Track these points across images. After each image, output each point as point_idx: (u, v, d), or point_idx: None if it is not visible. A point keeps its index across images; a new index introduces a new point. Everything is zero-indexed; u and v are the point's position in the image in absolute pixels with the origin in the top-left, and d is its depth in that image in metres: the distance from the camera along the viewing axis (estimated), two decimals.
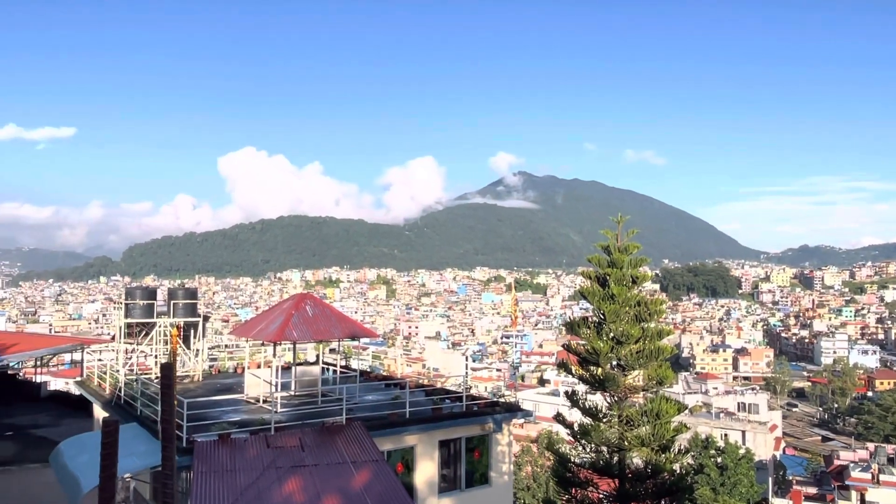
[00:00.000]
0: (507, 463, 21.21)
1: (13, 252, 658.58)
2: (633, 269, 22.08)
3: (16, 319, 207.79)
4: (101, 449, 7.80)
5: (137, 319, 26.63)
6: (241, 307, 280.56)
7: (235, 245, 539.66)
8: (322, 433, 17.21)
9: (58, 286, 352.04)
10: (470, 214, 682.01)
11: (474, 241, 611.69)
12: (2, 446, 27.59)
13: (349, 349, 52.01)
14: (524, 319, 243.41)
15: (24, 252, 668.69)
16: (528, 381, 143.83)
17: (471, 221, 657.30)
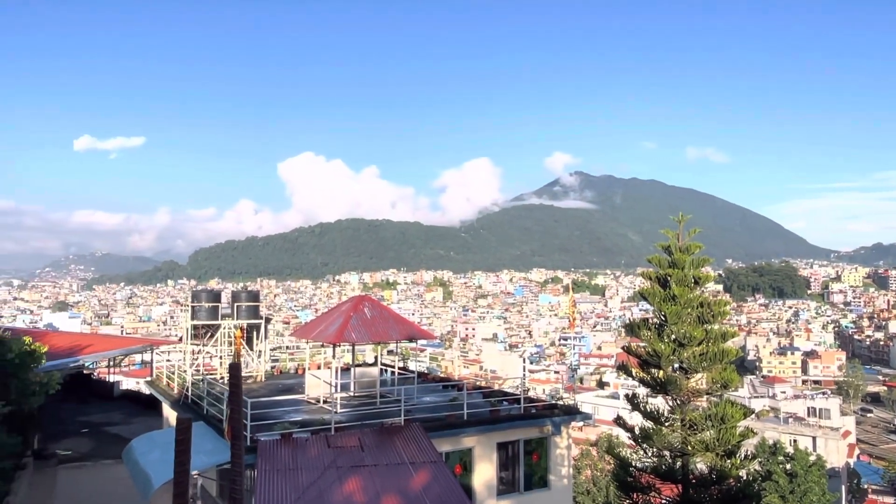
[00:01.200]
0: (566, 466, 20.97)
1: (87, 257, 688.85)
2: (695, 270, 21.54)
3: (90, 321, 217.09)
4: (175, 445, 8.11)
5: (203, 321, 27.46)
6: (301, 309, 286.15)
7: (295, 248, 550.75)
8: (381, 434, 17.39)
9: (128, 289, 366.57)
10: (526, 215, 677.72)
11: (531, 242, 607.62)
12: (79, 443, 28.87)
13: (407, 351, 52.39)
14: (582, 321, 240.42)
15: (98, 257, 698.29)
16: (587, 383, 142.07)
17: (527, 222, 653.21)
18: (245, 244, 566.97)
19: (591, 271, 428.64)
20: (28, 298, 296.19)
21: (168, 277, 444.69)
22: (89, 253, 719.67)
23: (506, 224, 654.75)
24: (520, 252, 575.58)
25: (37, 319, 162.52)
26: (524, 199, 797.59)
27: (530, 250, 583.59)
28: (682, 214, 22.51)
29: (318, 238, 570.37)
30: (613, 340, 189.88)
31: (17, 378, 22.36)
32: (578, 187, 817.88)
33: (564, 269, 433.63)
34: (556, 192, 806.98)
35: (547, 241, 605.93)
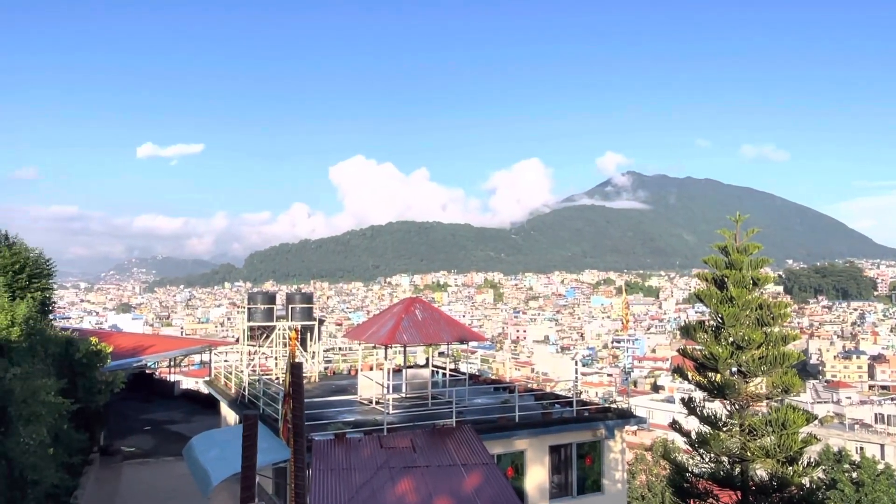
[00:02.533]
0: (620, 470, 20.65)
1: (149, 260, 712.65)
2: (754, 271, 20.98)
3: (152, 323, 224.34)
4: (242, 441, 8.34)
5: (259, 323, 28.09)
6: (353, 311, 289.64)
7: (347, 251, 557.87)
8: (433, 435, 17.46)
9: (188, 292, 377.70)
10: (577, 216, 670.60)
11: (582, 243, 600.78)
12: (142, 440, 29.88)
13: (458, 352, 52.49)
14: (636, 323, 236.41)
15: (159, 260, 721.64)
16: (641, 386, 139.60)
17: (578, 223, 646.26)
18: (298, 247, 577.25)
19: (645, 272, 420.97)
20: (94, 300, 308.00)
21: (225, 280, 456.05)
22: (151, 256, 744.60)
23: (557, 225, 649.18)
24: (571, 253, 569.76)
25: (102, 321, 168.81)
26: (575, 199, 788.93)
27: (582, 251, 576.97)
28: (739, 214, 21.97)
29: (369, 240, 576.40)
30: (668, 343, 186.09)
31: (84, 377, 23.32)
32: (631, 187, 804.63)
33: (617, 271, 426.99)
34: (607, 193, 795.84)
35: (599, 242, 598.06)
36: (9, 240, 25.69)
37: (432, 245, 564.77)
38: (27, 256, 24.38)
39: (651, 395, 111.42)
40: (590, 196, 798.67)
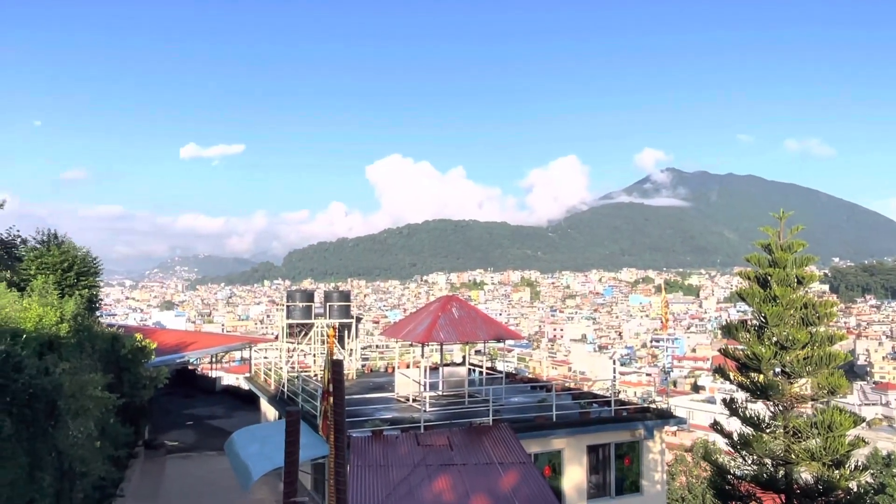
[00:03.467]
0: (659, 471, 20.38)
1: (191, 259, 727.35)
2: (798, 269, 20.47)
3: (194, 320, 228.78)
4: (285, 437, 8.50)
5: (297, 320, 28.46)
6: (389, 309, 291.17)
7: (384, 249, 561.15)
8: (470, 433, 17.46)
9: (228, 290, 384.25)
10: (615, 214, 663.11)
11: (620, 241, 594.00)
12: (184, 434, 30.52)
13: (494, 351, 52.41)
14: (675, 322, 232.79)
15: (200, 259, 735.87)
16: (681, 386, 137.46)
17: (616, 221, 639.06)
18: (336, 245, 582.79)
19: (685, 271, 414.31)
20: (138, 298, 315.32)
21: (264, 278, 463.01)
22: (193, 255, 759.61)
23: (594, 223, 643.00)
24: (609, 252, 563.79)
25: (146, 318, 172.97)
26: (613, 197, 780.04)
27: (620, 250, 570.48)
28: (782, 211, 21.48)
29: (406, 239, 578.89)
30: (709, 343, 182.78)
31: (129, 372, 23.92)
32: (670, 184, 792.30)
33: (656, 269, 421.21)
34: (646, 190, 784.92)
35: (637, 240, 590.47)
36: (58, 239, 26.46)
37: (469, 243, 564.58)
38: (75, 255, 25.08)
39: (691, 395, 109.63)
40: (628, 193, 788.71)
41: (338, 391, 9.15)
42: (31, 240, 27.45)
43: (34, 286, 20.78)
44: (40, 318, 17.75)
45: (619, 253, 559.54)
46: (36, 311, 17.84)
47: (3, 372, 12.27)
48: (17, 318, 17.37)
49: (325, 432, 11.59)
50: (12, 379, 12.50)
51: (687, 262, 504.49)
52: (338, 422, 9.01)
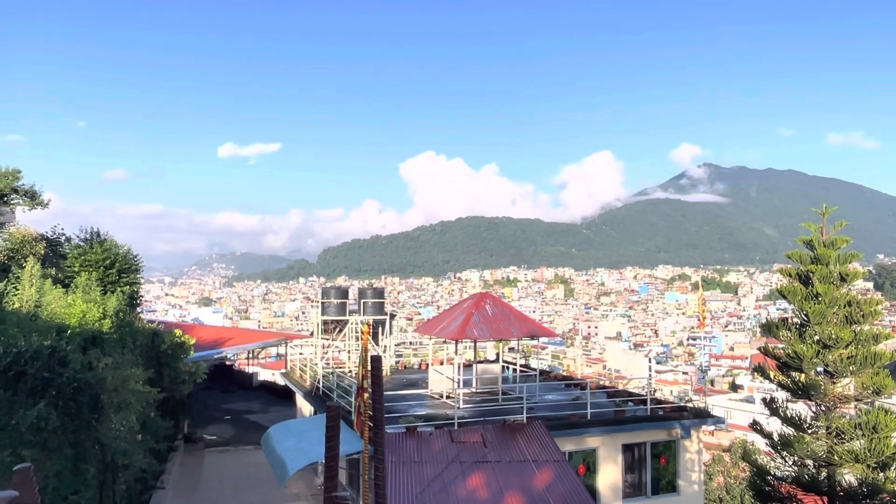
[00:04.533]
0: (696, 472, 20.09)
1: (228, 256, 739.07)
2: (842, 266, 19.95)
3: (231, 316, 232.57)
4: (325, 432, 8.60)
5: (332, 317, 28.71)
6: (423, 306, 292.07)
7: (417, 246, 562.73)
8: (503, 431, 17.43)
9: (264, 286, 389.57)
10: (651, 210, 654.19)
11: (656, 238, 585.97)
12: (223, 429, 31.06)
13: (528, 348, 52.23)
14: (713, 320, 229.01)
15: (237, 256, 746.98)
16: (718, 385, 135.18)
17: (652, 217, 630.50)
18: (370, 243, 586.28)
19: (723, 268, 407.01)
20: (177, 294, 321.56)
21: (299, 275, 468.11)
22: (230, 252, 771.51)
23: (629, 219, 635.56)
24: (644, 248, 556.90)
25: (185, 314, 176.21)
26: (648, 193, 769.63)
27: (655, 246, 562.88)
28: (825, 206, 20.94)
29: (439, 236, 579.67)
30: (748, 341, 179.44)
31: (169, 367, 24.41)
32: (708, 180, 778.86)
33: (693, 266, 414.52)
34: (682, 186, 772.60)
35: (673, 237, 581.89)
36: (100, 237, 27.09)
37: (502, 240, 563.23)
38: (117, 253, 25.66)
39: (729, 394, 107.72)
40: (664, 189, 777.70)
41: (376, 387, 9.22)
42: (75, 238, 28.18)
43: (78, 283, 21.33)
44: (84, 314, 18.21)
45: (655, 250, 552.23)
46: (80, 308, 18.31)
47: (49, 366, 12.64)
48: (62, 314, 17.86)
49: (359, 428, 11.69)
50: (58, 373, 12.86)
51: (725, 259, 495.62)
52: (377, 417, 9.07)
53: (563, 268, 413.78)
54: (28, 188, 28.66)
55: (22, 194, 28.52)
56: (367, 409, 11.31)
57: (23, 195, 28.55)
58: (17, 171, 28.38)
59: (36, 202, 28.90)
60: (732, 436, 73.59)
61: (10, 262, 22.93)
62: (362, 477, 11.29)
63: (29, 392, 12.11)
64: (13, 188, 28.09)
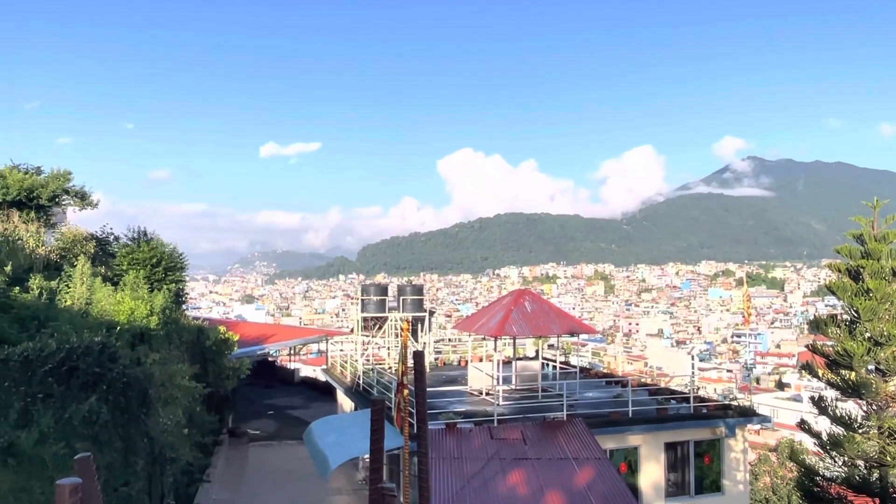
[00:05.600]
0: (741, 471, 19.71)
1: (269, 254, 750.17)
2: (894, 261, 19.31)
3: (273, 313, 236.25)
4: (370, 426, 8.70)
5: (372, 314, 28.97)
6: (462, 303, 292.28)
7: (456, 243, 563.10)
8: (543, 428, 17.35)
9: (305, 284, 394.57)
10: (693, 205, 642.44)
11: (699, 233, 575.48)
12: (266, 423, 31.60)
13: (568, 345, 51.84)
14: (758, 317, 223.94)
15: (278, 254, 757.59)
16: (764, 384, 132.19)
17: (694, 212, 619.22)
18: (409, 240, 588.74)
19: (768, 263, 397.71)
20: (221, 292, 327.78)
21: (339, 272, 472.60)
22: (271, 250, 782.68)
23: (671, 214, 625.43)
24: (686, 244, 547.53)
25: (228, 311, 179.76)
26: (691, 187, 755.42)
27: (698, 242, 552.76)
28: (876, 199, 20.30)
29: (477, 233, 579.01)
30: (794, 338, 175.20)
31: (214, 363, 24.93)
32: (752, 173, 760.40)
33: (737, 262, 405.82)
34: (726, 180, 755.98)
35: (717, 232, 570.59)
36: (147, 236, 27.78)
37: (541, 236, 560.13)
38: (163, 251, 26.27)
39: (775, 392, 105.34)
40: (706, 183, 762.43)
41: (419, 382, 9.28)
42: (123, 237, 28.94)
43: (126, 281, 21.92)
44: (132, 311, 18.72)
45: (698, 245, 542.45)
46: (128, 305, 18.82)
47: (99, 361, 13.03)
48: (112, 311, 18.39)
49: (399, 424, 11.77)
50: (108, 368, 13.25)
51: (770, 254, 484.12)
52: (420, 412, 9.14)
53: (603, 264, 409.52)
54: (78, 189, 29.60)
55: (72, 195, 29.47)
56: (406, 406, 11.39)
57: (73, 196, 29.50)
58: (67, 172, 29.33)
59: (86, 203, 29.83)
60: (779, 435, 71.91)
61: (62, 261, 23.68)
62: (402, 472, 11.36)
63: (81, 386, 12.50)
64: (64, 189, 29.04)
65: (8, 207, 27.08)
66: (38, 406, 11.69)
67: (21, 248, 21.86)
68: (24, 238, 23.58)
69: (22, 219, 26.56)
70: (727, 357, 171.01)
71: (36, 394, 11.72)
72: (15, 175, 27.52)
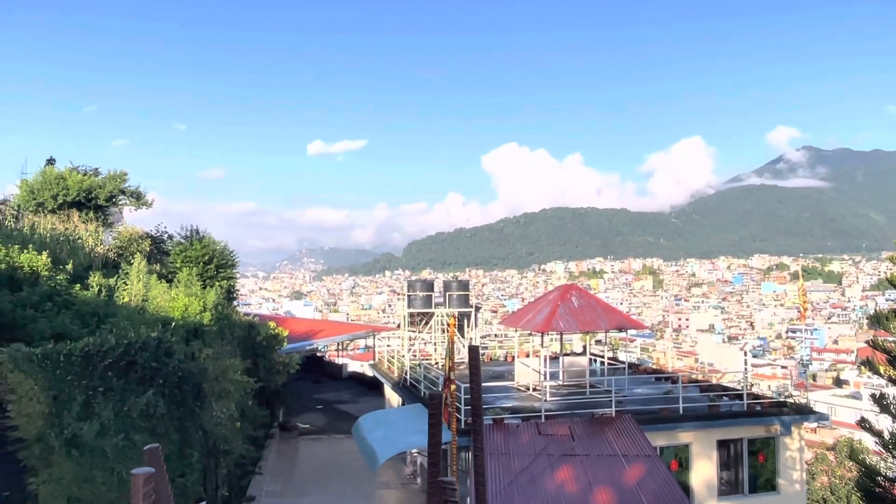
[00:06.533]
0: (798, 470, 19.16)
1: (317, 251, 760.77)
2: None
3: (321, 309, 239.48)
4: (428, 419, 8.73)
5: (418, 309, 29.12)
6: (507, 298, 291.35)
7: (501, 239, 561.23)
8: (592, 424, 17.18)
9: (352, 280, 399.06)
10: (745, 197, 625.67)
11: (751, 226, 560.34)
12: (315, 418, 32.08)
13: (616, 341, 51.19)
14: (814, 311, 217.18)
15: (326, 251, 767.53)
16: (821, 380, 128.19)
17: (746, 205, 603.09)
18: (454, 235, 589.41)
19: (825, 256, 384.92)
20: (270, 288, 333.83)
21: (385, 268, 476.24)
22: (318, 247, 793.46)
23: (721, 207, 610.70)
24: (738, 237, 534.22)
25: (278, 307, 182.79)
26: (742, 179, 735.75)
27: (750, 235, 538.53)
28: None
29: (522, 228, 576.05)
30: (853, 334, 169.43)
31: (264, 358, 25.42)
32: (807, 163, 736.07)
33: (791, 255, 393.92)
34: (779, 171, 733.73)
35: (770, 225, 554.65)
36: (199, 234, 28.47)
37: (587, 231, 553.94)
38: (214, 249, 26.89)
39: (833, 389, 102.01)
40: (759, 175, 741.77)
41: (475, 376, 9.29)
42: (177, 235, 29.73)
43: (180, 278, 22.53)
44: (186, 307, 19.22)
45: (750, 238, 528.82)
46: (182, 301, 19.34)
47: (156, 356, 13.43)
48: (167, 308, 18.92)
49: (447, 419, 11.81)
50: (164, 363, 13.66)
51: (827, 247, 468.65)
52: (476, 406, 9.14)
53: (651, 258, 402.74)
54: (134, 189, 30.57)
55: (128, 195, 30.45)
56: (454, 401, 11.42)
57: (129, 196, 30.48)
58: (123, 173, 30.30)
59: (141, 202, 30.79)
60: (837, 433, 69.67)
61: (119, 259, 24.48)
62: (450, 468, 11.41)
63: (139, 380, 12.92)
64: (121, 190, 30.01)
65: (68, 208, 28.14)
66: (99, 399, 12.12)
67: (81, 247, 22.67)
68: (84, 237, 24.45)
69: (81, 219, 27.56)
70: (782, 353, 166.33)
71: (97, 387, 12.14)
72: (74, 177, 28.58)
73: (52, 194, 27.96)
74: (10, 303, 14.29)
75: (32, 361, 11.38)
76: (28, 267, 16.61)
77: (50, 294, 15.81)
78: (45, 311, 14.87)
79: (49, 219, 26.06)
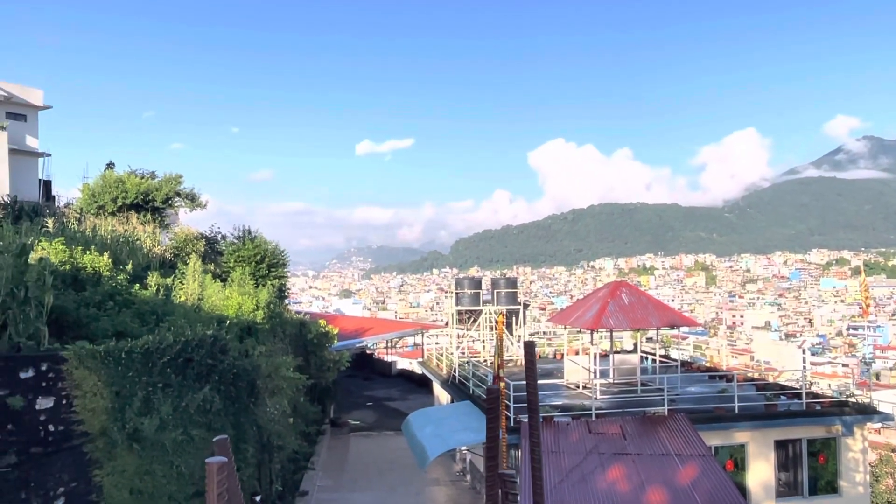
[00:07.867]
0: (861, 472, 18.50)
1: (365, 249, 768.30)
2: None
3: (370, 307, 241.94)
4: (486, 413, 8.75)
5: (466, 307, 29.13)
6: (556, 295, 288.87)
7: (549, 235, 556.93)
8: (644, 423, 16.93)
9: (399, 278, 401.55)
10: (802, 190, 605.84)
11: (808, 219, 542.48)
12: (365, 414, 32.47)
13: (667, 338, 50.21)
14: (877, 308, 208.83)
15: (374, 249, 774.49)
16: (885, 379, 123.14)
17: (803, 198, 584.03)
18: (501, 233, 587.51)
19: (888, 251, 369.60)
20: (320, 287, 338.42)
21: (433, 266, 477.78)
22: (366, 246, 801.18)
23: (777, 201, 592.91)
24: (795, 231, 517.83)
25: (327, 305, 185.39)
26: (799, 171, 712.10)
27: (807, 229, 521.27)
28: None
29: (570, 224, 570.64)
30: None
31: (315, 355, 25.86)
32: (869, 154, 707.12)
33: (852, 249, 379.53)
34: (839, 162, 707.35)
35: (829, 218, 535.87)
36: (251, 234, 29.12)
37: (637, 227, 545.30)
38: (266, 248, 27.47)
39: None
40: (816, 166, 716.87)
41: (531, 372, 9.26)
42: (230, 236, 30.47)
43: (233, 277, 23.09)
44: (240, 305, 19.68)
45: (807, 233, 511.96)
46: (236, 300, 19.81)
47: (212, 353, 13.80)
48: (221, 306, 19.41)
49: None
50: (219, 360, 14.02)
51: (891, 240, 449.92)
52: (532, 402, 9.11)
53: (703, 254, 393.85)
54: (189, 191, 31.47)
55: (184, 197, 31.37)
56: (503, 398, 11.41)
57: (184, 198, 31.39)
58: (179, 176, 31.22)
59: (196, 204, 31.67)
60: None
61: (175, 259, 25.22)
62: (501, 465, 11.39)
63: (195, 377, 13.29)
64: (176, 192, 30.93)
65: (127, 210, 29.13)
66: (158, 395, 12.51)
67: (139, 247, 23.44)
68: (142, 238, 25.27)
69: (139, 220, 28.49)
70: (842, 351, 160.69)
71: (156, 383, 12.54)
72: (133, 180, 29.58)
73: (112, 197, 29.01)
74: (74, 302, 14.87)
75: (96, 358, 11.81)
76: (91, 267, 17.25)
77: (111, 293, 16.38)
78: (107, 309, 15.42)
79: (109, 221, 27.02)
